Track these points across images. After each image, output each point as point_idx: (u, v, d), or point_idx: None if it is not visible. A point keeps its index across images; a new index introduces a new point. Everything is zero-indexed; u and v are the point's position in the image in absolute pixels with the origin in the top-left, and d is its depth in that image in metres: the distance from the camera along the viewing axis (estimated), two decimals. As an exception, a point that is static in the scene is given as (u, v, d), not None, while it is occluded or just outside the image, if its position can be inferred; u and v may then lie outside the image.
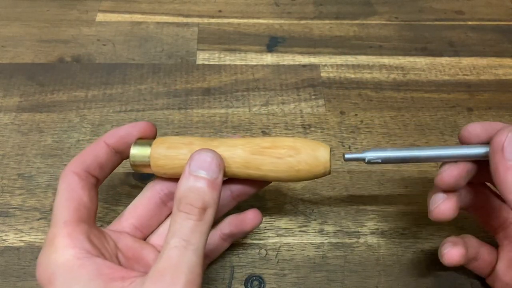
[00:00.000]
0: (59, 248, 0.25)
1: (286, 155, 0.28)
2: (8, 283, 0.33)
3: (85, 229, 0.27)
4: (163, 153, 0.29)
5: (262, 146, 0.29)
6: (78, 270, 0.24)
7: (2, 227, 0.36)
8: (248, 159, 0.29)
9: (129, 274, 0.25)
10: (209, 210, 0.26)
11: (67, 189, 0.28)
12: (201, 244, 0.25)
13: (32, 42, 0.49)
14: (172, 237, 0.24)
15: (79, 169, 0.29)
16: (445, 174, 0.28)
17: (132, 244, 0.29)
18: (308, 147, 0.29)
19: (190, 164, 0.27)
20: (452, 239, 0.30)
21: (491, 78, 0.48)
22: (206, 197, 0.26)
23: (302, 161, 0.28)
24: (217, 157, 0.27)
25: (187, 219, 0.25)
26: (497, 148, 0.26)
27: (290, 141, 0.29)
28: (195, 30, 0.52)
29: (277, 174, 0.29)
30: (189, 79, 0.46)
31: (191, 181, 0.26)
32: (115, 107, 0.44)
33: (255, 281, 0.34)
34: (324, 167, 0.29)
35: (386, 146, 0.42)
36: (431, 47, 0.51)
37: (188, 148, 0.29)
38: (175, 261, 0.24)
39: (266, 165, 0.29)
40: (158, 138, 0.30)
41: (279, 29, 0.52)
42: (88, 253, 0.25)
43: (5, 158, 0.40)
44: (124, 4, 0.54)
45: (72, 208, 0.27)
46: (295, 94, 0.45)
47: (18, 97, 0.44)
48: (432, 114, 0.44)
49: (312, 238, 0.36)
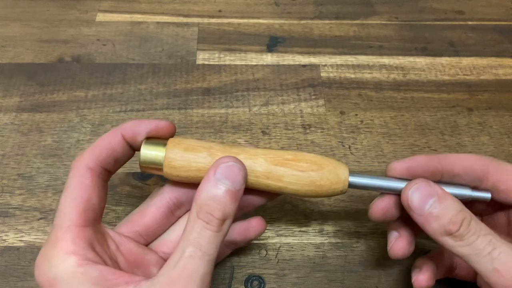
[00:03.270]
0: (61, 253, 0.25)
1: (309, 169, 0.28)
2: (8, 283, 0.33)
3: (89, 235, 0.26)
4: (180, 154, 0.28)
5: (284, 158, 0.29)
6: (81, 277, 0.24)
7: (2, 227, 0.36)
8: (270, 169, 0.28)
9: (132, 278, 0.25)
10: (227, 221, 0.26)
11: (78, 186, 0.27)
12: (215, 255, 0.25)
13: (32, 42, 0.49)
14: (189, 246, 0.24)
15: (94, 164, 0.28)
16: (373, 207, 0.30)
17: (135, 249, 0.29)
18: (330, 164, 0.29)
19: (215, 171, 0.26)
20: (420, 262, 0.31)
21: (491, 78, 0.48)
22: (227, 208, 0.25)
23: (324, 177, 0.28)
24: (243, 167, 0.27)
25: (206, 229, 0.25)
26: (407, 208, 0.27)
27: (312, 156, 0.29)
28: (195, 30, 0.52)
29: (297, 187, 0.29)
30: (189, 79, 0.46)
31: (215, 190, 0.25)
32: (115, 107, 0.44)
33: (255, 281, 0.34)
34: (343, 185, 0.29)
35: (386, 146, 0.42)
36: (431, 47, 0.51)
37: (207, 152, 0.28)
38: (190, 271, 0.24)
39: (288, 177, 0.28)
40: (174, 138, 0.29)
41: (279, 29, 0.52)
42: (90, 260, 0.25)
43: (5, 158, 0.40)
44: (124, 4, 0.54)
45: (80, 210, 0.26)
46: (295, 94, 0.45)
47: (18, 97, 0.44)
48: (432, 114, 0.44)
49: (312, 238, 0.36)
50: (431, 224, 0.26)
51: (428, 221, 0.26)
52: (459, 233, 0.25)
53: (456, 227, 0.25)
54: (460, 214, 0.26)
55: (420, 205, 0.26)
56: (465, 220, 0.26)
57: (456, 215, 0.26)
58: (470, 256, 0.25)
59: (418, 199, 0.26)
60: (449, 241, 0.26)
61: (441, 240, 0.26)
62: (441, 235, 0.26)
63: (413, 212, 0.27)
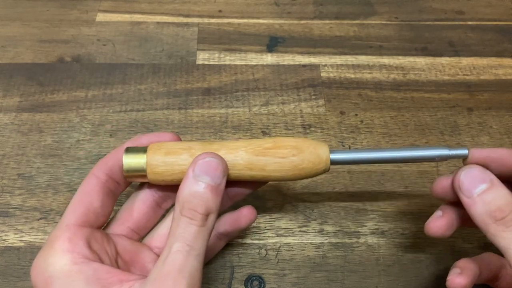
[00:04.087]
0: (57, 251, 0.25)
1: (289, 155, 0.29)
2: (8, 283, 0.33)
3: (87, 234, 0.27)
4: (161, 159, 0.28)
5: (264, 147, 0.29)
6: (76, 275, 0.25)
7: (2, 227, 0.36)
8: (252, 160, 0.29)
9: (127, 277, 0.25)
10: (211, 215, 0.26)
11: (82, 191, 0.28)
12: (202, 250, 0.25)
13: (32, 42, 0.49)
14: (175, 242, 0.24)
15: (101, 172, 0.29)
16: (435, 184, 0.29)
17: (130, 247, 0.29)
18: (310, 146, 0.29)
19: (194, 168, 0.26)
20: (462, 264, 0.29)
21: (491, 78, 0.48)
22: (209, 203, 0.26)
23: (306, 159, 0.29)
24: (221, 162, 0.27)
25: (190, 224, 0.25)
26: (456, 189, 0.27)
27: (291, 140, 0.29)
28: (195, 30, 0.52)
29: (281, 173, 0.29)
30: (189, 79, 0.46)
31: (195, 186, 0.26)
32: (115, 107, 0.44)
33: (255, 281, 0.34)
34: (325, 164, 0.29)
35: (386, 146, 0.42)
36: (431, 47, 0.51)
37: (188, 153, 0.28)
38: (178, 266, 0.24)
39: (270, 165, 0.29)
40: (153, 144, 0.29)
41: (279, 29, 0.52)
42: (86, 258, 0.25)
43: (5, 158, 0.40)
44: (124, 4, 0.54)
45: (80, 212, 0.27)
46: (295, 94, 0.45)
47: (18, 97, 0.44)
48: (432, 114, 0.44)
49: (312, 238, 0.36)
50: (477, 207, 0.26)
51: (475, 203, 0.26)
52: (505, 221, 0.25)
53: (502, 215, 0.25)
54: (510, 205, 0.25)
55: (470, 188, 0.26)
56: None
57: (505, 205, 0.25)
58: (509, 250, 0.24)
59: (469, 182, 0.26)
60: (491, 228, 0.25)
61: (484, 226, 0.25)
62: (485, 220, 0.25)
63: (462, 194, 0.26)
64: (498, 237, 0.25)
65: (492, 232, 0.25)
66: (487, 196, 0.26)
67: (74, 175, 0.39)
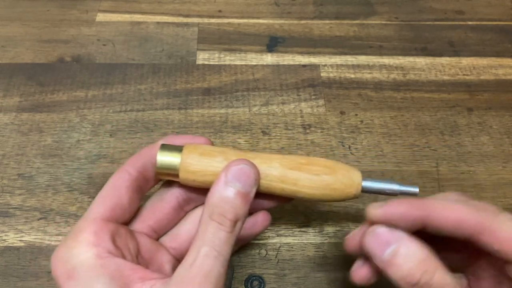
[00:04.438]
0: (82, 244, 0.25)
1: (322, 173, 0.29)
2: (8, 283, 0.33)
3: (112, 228, 0.27)
4: (196, 158, 0.28)
5: (298, 162, 0.29)
6: (100, 269, 0.24)
7: (2, 227, 0.36)
8: (285, 173, 0.29)
9: (149, 275, 0.25)
10: (239, 223, 0.26)
11: (112, 186, 0.28)
12: (228, 256, 0.25)
13: (32, 42, 0.49)
14: (203, 246, 0.24)
15: (133, 168, 0.29)
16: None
17: (150, 245, 0.29)
18: (343, 168, 0.29)
19: (227, 173, 0.26)
20: None
21: (491, 78, 0.48)
22: (238, 210, 0.26)
23: (338, 180, 0.29)
24: (254, 170, 0.27)
25: (220, 229, 0.25)
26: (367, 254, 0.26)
27: (325, 161, 0.29)
28: (195, 30, 0.52)
29: (312, 190, 0.29)
30: (189, 79, 0.47)
31: (226, 192, 0.26)
32: (115, 107, 0.44)
33: (255, 281, 0.34)
34: (356, 189, 0.29)
35: (386, 146, 0.42)
36: (431, 47, 0.51)
37: (223, 156, 0.28)
38: (206, 271, 0.24)
39: (303, 180, 0.29)
40: (189, 144, 0.29)
41: (279, 29, 0.52)
42: (110, 253, 0.25)
43: (5, 158, 0.40)
44: (124, 4, 0.54)
45: (108, 206, 0.27)
46: (295, 94, 0.45)
47: (18, 97, 0.44)
48: (432, 114, 0.44)
49: (312, 238, 0.36)
50: (391, 271, 0.24)
51: (388, 268, 0.25)
52: (418, 286, 0.24)
53: (414, 280, 0.24)
54: (421, 265, 0.24)
55: (379, 253, 0.25)
56: (425, 273, 0.24)
57: (415, 267, 0.24)
58: None
59: (376, 246, 0.25)
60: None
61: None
62: (403, 285, 0.24)
63: (373, 259, 0.26)
64: None
65: None
66: (397, 259, 0.24)
67: (74, 175, 0.39)
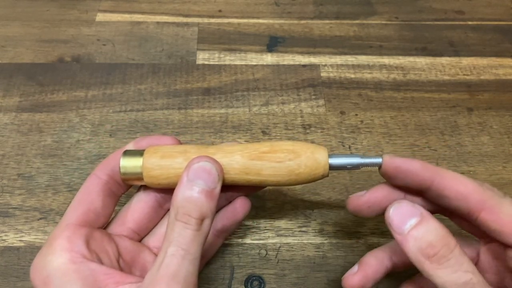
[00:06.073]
0: (56, 250, 0.25)
1: (286, 159, 0.28)
2: (8, 283, 0.33)
3: (86, 233, 0.27)
4: (156, 163, 0.28)
5: (260, 151, 0.29)
6: (73, 274, 0.25)
7: (2, 227, 0.36)
8: (247, 165, 0.28)
9: (124, 279, 0.25)
10: (206, 220, 0.26)
11: (83, 191, 0.28)
12: (198, 254, 0.25)
13: (32, 42, 0.49)
14: (170, 246, 0.24)
15: (103, 173, 0.29)
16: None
17: (131, 247, 0.29)
18: (307, 150, 0.28)
19: (188, 172, 0.26)
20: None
21: (491, 78, 0.48)
22: (203, 208, 0.25)
23: (302, 164, 0.28)
24: (216, 166, 0.27)
25: (185, 228, 0.25)
26: (388, 226, 0.26)
27: (288, 144, 0.29)
28: (195, 30, 0.51)
29: (277, 178, 0.29)
30: (189, 79, 0.46)
31: (189, 191, 0.26)
32: (115, 107, 0.44)
33: (255, 281, 0.34)
34: (323, 169, 0.29)
35: (386, 146, 0.42)
36: (431, 47, 0.51)
37: (183, 157, 0.28)
38: (173, 270, 0.24)
39: (266, 170, 0.28)
40: (149, 147, 0.29)
41: (279, 29, 0.52)
42: (84, 257, 0.25)
43: (5, 158, 0.40)
44: (124, 4, 0.54)
45: (80, 212, 0.27)
46: (295, 94, 0.45)
47: (18, 97, 0.44)
48: (432, 114, 0.44)
49: (312, 238, 0.36)
50: (409, 244, 0.24)
51: (406, 240, 0.25)
52: (437, 258, 0.24)
53: (434, 251, 0.24)
54: (442, 239, 0.24)
55: (400, 224, 0.25)
56: (446, 246, 0.24)
57: (436, 239, 0.24)
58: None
59: (399, 218, 0.25)
60: (426, 266, 0.24)
61: (419, 264, 0.24)
62: (419, 257, 0.24)
63: (393, 231, 0.26)
64: (434, 276, 0.24)
65: (427, 270, 0.24)
66: (417, 231, 0.25)
67: (74, 175, 0.39)
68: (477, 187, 0.26)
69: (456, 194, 0.26)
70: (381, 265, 0.29)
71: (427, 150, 0.41)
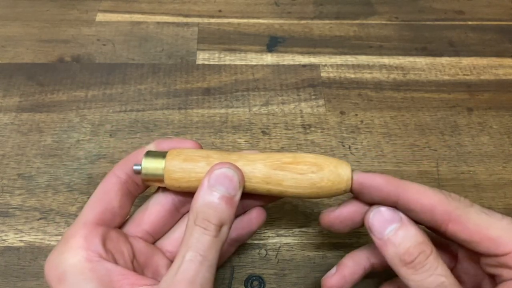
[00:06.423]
0: (72, 248, 0.25)
1: (308, 171, 0.28)
2: (8, 283, 0.33)
3: (103, 232, 0.27)
4: (179, 165, 0.28)
5: (283, 161, 0.28)
6: (89, 273, 0.24)
7: (2, 227, 0.36)
8: (269, 174, 0.28)
9: (139, 281, 0.25)
10: (224, 227, 0.25)
11: (102, 190, 0.28)
12: (215, 261, 0.25)
13: (32, 42, 0.49)
14: (188, 251, 0.24)
15: (122, 172, 0.29)
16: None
17: (145, 249, 0.29)
18: (330, 164, 0.28)
19: (209, 178, 0.26)
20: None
21: (491, 78, 0.48)
22: (223, 214, 0.25)
23: (325, 178, 0.28)
24: (237, 173, 0.27)
25: (204, 234, 0.25)
26: (368, 230, 0.27)
27: (311, 157, 0.29)
28: (195, 30, 0.52)
29: (298, 190, 0.28)
30: (189, 79, 0.46)
31: (209, 197, 0.25)
32: (115, 107, 0.44)
33: (255, 281, 0.34)
34: (346, 185, 0.28)
35: (386, 146, 0.42)
36: (431, 47, 0.51)
37: (206, 161, 0.28)
38: (191, 276, 0.24)
39: (288, 181, 0.28)
40: (172, 150, 0.29)
41: (279, 29, 0.52)
42: (100, 257, 0.25)
43: (5, 158, 0.40)
44: (124, 4, 0.54)
45: (98, 210, 0.27)
46: (295, 94, 0.45)
47: (18, 97, 0.44)
48: (432, 114, 0.44)
49: (312, 238, 0.36)
50: (388, 248, 0.25)
51: (386, 245, 0.25)
52: (413, 265, 0.25)
53: (410, 258, 0.25)
54: (419, 246, 0.25)
55: (380, 229, 0.26)
56: (422, 253, 0.25)
57: (414, 247, 0.25)
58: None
59: (379, 223, 0.26)
60: (402, 271, 0.25)
61: (396, 268, 0.25)
62: (396, 263, 0.25)
63: (373, 235, 0.26)
64: (409, 280, 0.25)
65: (403, 275, 0.25)
66: (396, 238, 0.25)
67: (74, 175, 0.39)
68: (442, 198, 0.26)
69: (421, 207, 0.26)
70: (359, 266, 0.29)
71: (427, 150, 0.42)
